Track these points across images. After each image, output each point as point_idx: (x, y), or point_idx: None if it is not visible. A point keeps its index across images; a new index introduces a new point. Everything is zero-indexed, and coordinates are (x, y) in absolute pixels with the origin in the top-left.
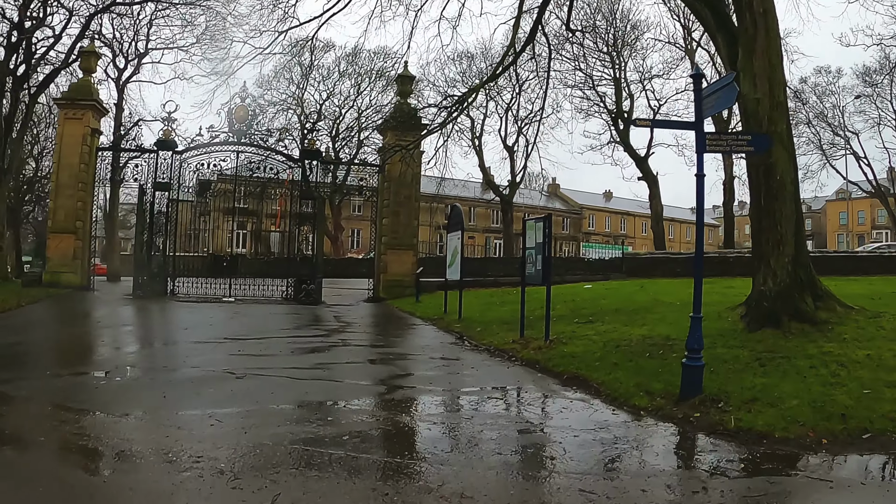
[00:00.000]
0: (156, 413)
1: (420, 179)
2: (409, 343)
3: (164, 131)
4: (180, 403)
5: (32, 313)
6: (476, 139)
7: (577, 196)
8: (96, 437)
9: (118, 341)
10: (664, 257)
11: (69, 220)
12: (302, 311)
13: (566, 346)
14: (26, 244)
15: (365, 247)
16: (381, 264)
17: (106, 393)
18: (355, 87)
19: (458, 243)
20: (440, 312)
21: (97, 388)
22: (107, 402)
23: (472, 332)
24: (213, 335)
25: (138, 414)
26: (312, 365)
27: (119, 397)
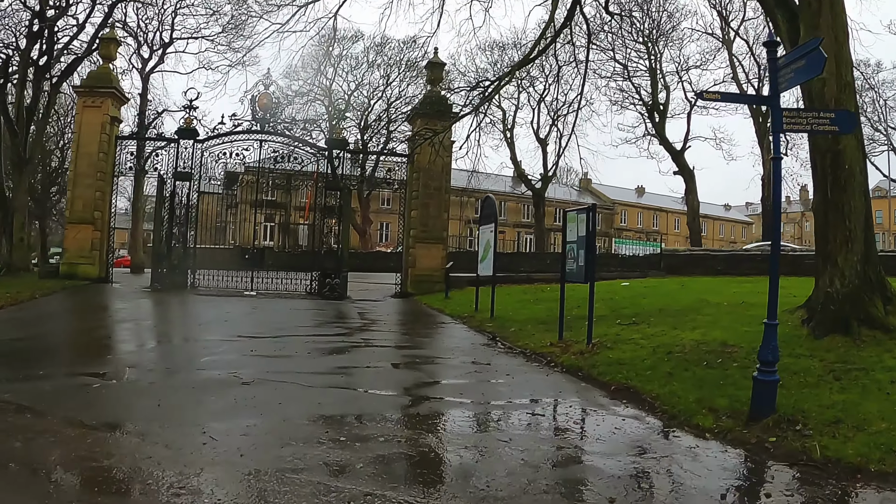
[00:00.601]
0: (143, 426)
1: (450, 170)
2: (437, 344)
3: (185, 119)
4: (174, 415)
5: (44, 306)
6: (508, 131)
7: (609, 191)
8: (59, 457)
9: (123, 339)
10: (704, 254)
11: (87, 210)
12: (325, 306)
13: (611, 352)
14: (55, 236)
15: (393, 240)
16: (409, 258)
17: (93, 399)
18: (384, 78)
19: (490, 237)
20: (471, 310)
21: (87, 392)
22: (89, 411)
23: (506, 332)
24: (226, 332)
25: (122, 426)
26: (330, 369)
27: (107, 405)
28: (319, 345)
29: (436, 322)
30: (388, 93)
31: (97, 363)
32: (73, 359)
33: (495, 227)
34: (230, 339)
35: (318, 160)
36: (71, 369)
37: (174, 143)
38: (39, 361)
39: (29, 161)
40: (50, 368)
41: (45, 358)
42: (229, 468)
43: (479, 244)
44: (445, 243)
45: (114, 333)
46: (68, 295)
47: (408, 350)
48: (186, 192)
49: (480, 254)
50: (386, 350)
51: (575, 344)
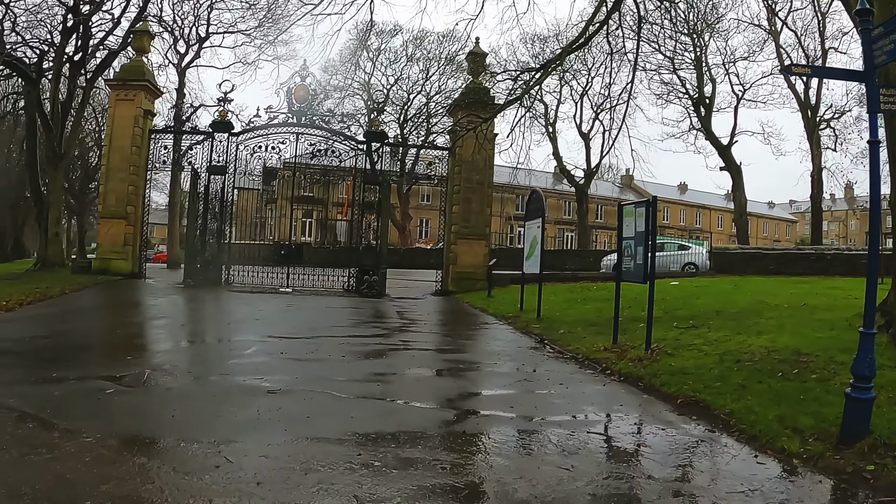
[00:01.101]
0: (152, 442)
1: (493, 163)
2: (481, 347)
3: (220, 112)
4: (189, 429)
5: (72, 302)
6: (550, 126)
7: (651, 188)
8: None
9: (148, 338)
10: (756, 253)
11: (120, 205)
12: (363, 304)
13: (673, 359)
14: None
15: (433, 237)
16: (450, 255)
17: (103, 408)
18: (423, 73)
19: (537, 233)
20: (515, 310)
21: (99, 399)
22: (96, 422)
23: (555, 334)
24: (257, 332)
25: (129, 442)
26: (366, 376)
27: (117, 415)
28: (355, 347)
29: (479, 322)
30: (428, 88)
31: (116, 365)
32: (92, 360)
33: (543, 223)
34: (260, 339)
35: (356, 154)
36: (87, 372)
37: (208, 137)
38: (55, 362)
39: (64, 156)
40: (65, 370)
41: (62, 358)
42: (242, 502)
43: (525, 240)
44: (488, 240)
45: (138, 332)
46: (98, 291)
47: (450, 354)
48: (221, 187)
49: (526, 250)
50: (426, 354)
51: (631, 349)
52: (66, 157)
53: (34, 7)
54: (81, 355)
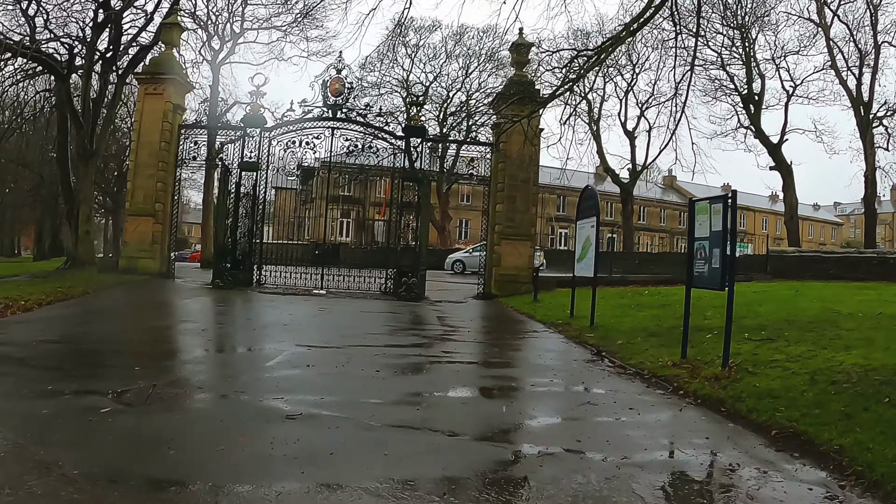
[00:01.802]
0: (134, 485)
1: (538, 160)
2: (532, 360)
3: (252, 106)
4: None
5: (92, 303)
6: (594, 123)
7: (695, 189)
8: None
9: (163, 346)
10: (814, 256)
11: (148, 202)
12: (400, 309)
13: (756, 379)
14: None
15: (474, 238)
16: (493, 257)
17: (90, 432)
18: (463, 69)
19: (591, 233)
20: (565, 316)
21: (89, 421)
22: (75, 451)
23: (612, 346)
24: (284, 340)
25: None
26: (403, 396)
27: (101, 443)
28: (391, 359)
29: (526, 330)
30: (468, 85)
31: (120, 377)
32: (97, 370)
33: (597, 222)
34: (286, 348)
35: (394, 151)
36: (87, 384)
37: (240, 132)
38: (56, 372)
39: (95, 153)
40: (63, 382)
41: (65, 367)
42: None
43: (577, 241)
44: (533, 240)
45: (154, 338)
46: (123, 291)
47: (498, 369)
48: (252, 184)
49: (578, 252)
50: (471, 369)
51: (704, 365)
52: (97, 154)
53: (65, 2)
54: (86, 364)
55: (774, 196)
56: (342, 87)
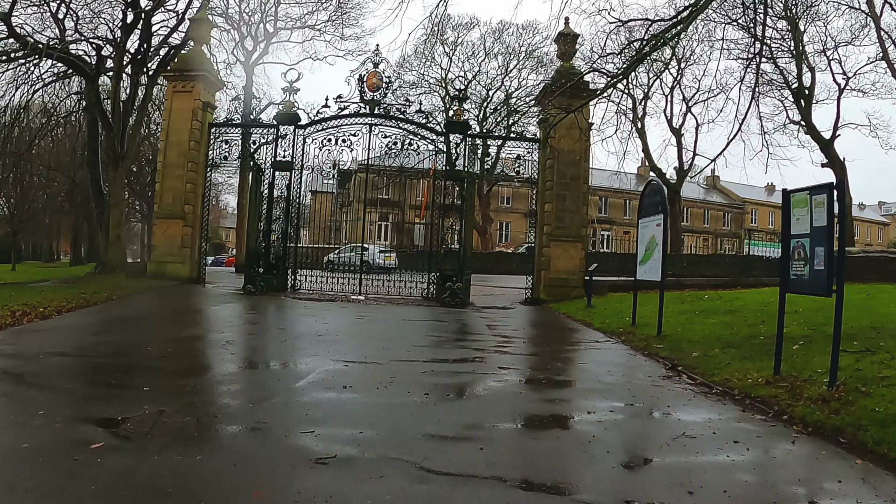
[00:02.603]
0: None
1: (589, 156)
2: (602, 378)
3: (285, 103)
4: None
5: (115, 311)
6: (638, 121)
7: (738, 189)
8: None
9: (181, 361)
10: (881, 257)
11: (177, 204)
12: (445, 316)
13: (871, 400)
14: None
15: (514, 240)
16: (541, 259)
17: (69, 479)
18: (503, 68)
19: (657, 232)
20: (625, 323)
21: (74, 461)
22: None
23: (687, 358)
24: (318, 354)
25: None
26: (458, 430)
27: (82, 495)
28: (441, 378)
29: (585, 340)
30: (508, 83)
31: (125, 400)
32: (100, 390)
33: (665, 220)
34: (320, 365)
35: (436, 150)
36: (84, 410)
37: (272, 130)
38: (54, 392)
39: (125, 156)
40: (58, 406)
41: (65, 386)
42: None
43: (640, 241)
44: (584, 242)
45: (172, 352)
46: (148, 297)
47: (565, 390)
48: (286, 184)
49: (640, 253)
50: (535, 390)
51: (804, 384)
52: (127, 157)
53: (93, 2)
54: (92, 382)
55: None
56: (379, 82)
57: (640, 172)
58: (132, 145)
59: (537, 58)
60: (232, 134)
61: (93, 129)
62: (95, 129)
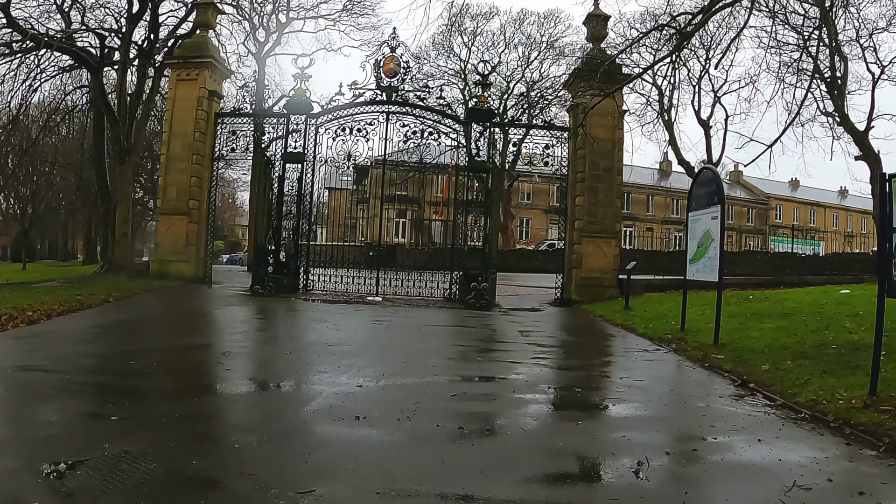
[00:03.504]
0: None
1: (623, 146)
2: (667, 400)
3: (296, 91)
4: None
5: (108, 315)
6: (665, 113)
7: (761, 184)
8: None
9: (162, 381)
10: None
11: (181, 200)
12: (471, 320)
13: None
14: None
15: (535, 237)
16: (572, 257)
17: None
18: (523, 59)
19: (712, 226)
20: (672, 329)
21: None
22: None
23: (757, 372)
24: (327, 371)
25: None
26: (510, 489)
27: None
28: (475, 405)
29: (632, 349)
30: (528, 75)
31: (85, 437)
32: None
33: (722, 212)
34: (329, 386)
35: (458, 143)
36: (33, 450)
37: (283, 120)
38: (6, 424)
39: (132, 150)
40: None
41: (20, 414)
42: None
43: (690, 236)
44: (619, 238)
45: (158, 368)
46: (148, 299)
47: (630, 415)
48: (297, 177)
49: (692, 251)
50: (592, 420)
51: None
52: (133, 152)
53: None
54: (54, 409)
55: (844, 191)
56: (397, 68)
57: (661, 167)
58: (139, 139)
59: (559, 49)
60: (239, 124)
61: (98, 123)
62: (101, 124)
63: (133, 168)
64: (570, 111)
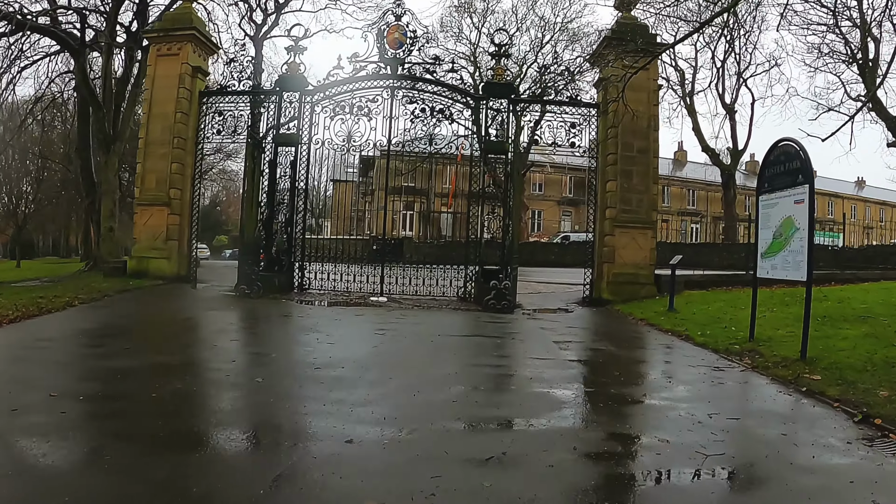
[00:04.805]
0: None
1: (658, 124)
2: (785, 453)
3: (290, 65)
4: None
5: (64, 324)
6: (686, 97)
7: None
8: None
9: (90, 423)
10: None
11: (161, 189)
12: (492, 327)
13: None
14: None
15: (547, 230)
16: (603, 250)
17: None
18: (536, 42)
19: (795, 211)
20: (735, 337)
21: None
22: None
23: (877, 402)
24: (308, 413)
25: None
26: None
27: None
28: (514, 477)
29: (698, 366)
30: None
31: None
32: None
33: (810, 194)
34: (304, 439)
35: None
36: None
37: (274, 98)
38: None
39: (117, 139)
40: None
41: None
42: None
43: (761, 225)
44: (655, 229)
45: (83, 406)
46: (117, 303)
47: (751, 484)
48: (291, 161)
49: (765, 242)
50: (699, 494)
51: None
52: (119, 140)
53: None
54: None
55: (861, 181)
56: (403, 38)
57: (675, 157)
58: (126, 127)
59: (572, 32)
60: (227, 104)
61: (83, 110)
62: (86, 111)
63: (120, 157)
64: (599, 86)
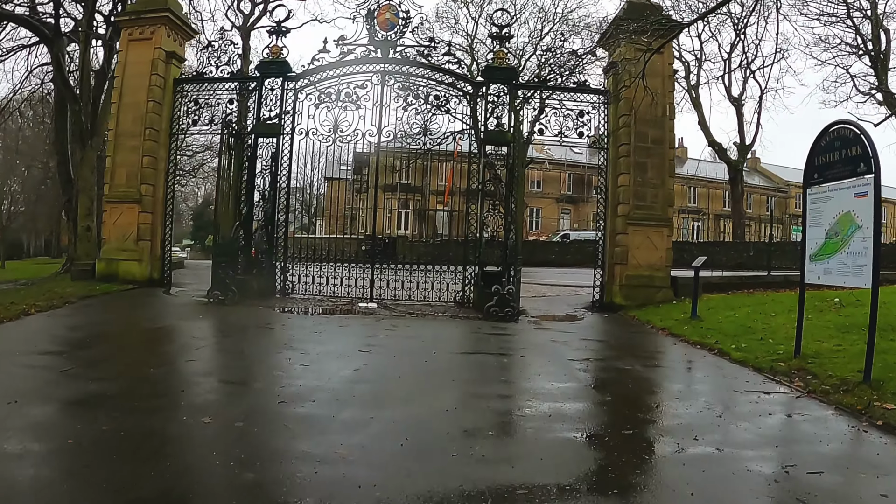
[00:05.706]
0: None
1: (675, 112)
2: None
3: (271, 48)
4: None
5: (6, 338)
6: (692, 90)
7: (781, 171)
8: None
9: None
10: None
11: (131, 184)
12: (495, 340)
13: None
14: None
15: (546, 228)
16: (615, 250)
17: None
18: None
19: (856, 206)
20: (777, 351)
21: None
22: None
23: None
24: (260, 485)
25: None
26: None
27: None
28: None
29: (743, 390)
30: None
31: None
32: None
33: (876, 185)
34: None
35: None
36: None
37: (254, 85)
38: None
39: (94, 133)
40: None
41: None
42: None
43: (810, 221)
44: (671, 227)
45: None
46: (78, 311)
47: None
48: (272, 153)
49: (815, 242)
50: None
51: None
52: (97, 134)
53: None
54: None
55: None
56: (395, 19)
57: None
58: (104, 121)
59: (572, 23)
60: (203, 92)
61: (60, 103)
62: (63, 105)
63: (98, 153)
64: (608, 72)
